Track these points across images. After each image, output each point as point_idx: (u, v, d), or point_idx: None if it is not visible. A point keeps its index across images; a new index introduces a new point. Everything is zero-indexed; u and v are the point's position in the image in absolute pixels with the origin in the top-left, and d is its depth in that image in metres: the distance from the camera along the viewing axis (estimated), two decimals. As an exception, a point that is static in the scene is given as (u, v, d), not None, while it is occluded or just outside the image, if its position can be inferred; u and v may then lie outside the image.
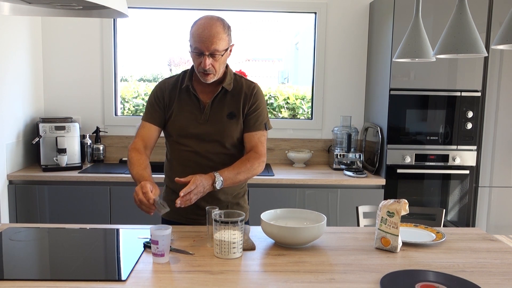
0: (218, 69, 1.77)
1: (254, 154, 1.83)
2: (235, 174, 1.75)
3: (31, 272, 1.40)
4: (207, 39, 1.69)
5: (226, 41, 1.74)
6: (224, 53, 1.75)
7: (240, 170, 1.77)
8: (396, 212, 1.60)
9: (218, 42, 1.70)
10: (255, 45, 5.85)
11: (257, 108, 1.87)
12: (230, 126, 1.83)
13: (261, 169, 1.84)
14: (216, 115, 1.83)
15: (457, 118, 3.02)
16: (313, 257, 1.55)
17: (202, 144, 1.83)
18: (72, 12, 1.66)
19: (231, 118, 1.84)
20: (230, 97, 1.85)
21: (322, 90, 3.52)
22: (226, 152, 1.86)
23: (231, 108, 1.84)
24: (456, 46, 1.52)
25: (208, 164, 1.83)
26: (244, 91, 1.86)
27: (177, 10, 3.50)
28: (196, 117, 1.83)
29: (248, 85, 1.89)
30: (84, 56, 3.41)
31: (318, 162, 3.53)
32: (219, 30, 1.71)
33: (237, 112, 1.84)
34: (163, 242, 1.45)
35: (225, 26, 1.74)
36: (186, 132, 1.84)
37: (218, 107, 1.84)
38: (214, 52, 1.71)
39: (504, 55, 3.01)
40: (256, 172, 1.82)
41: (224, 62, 1.80)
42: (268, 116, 1.93)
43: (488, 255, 1.60)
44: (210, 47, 1.70)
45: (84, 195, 2.90)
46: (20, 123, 3.09)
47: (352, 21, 3.47)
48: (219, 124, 1.83)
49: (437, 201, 3.10)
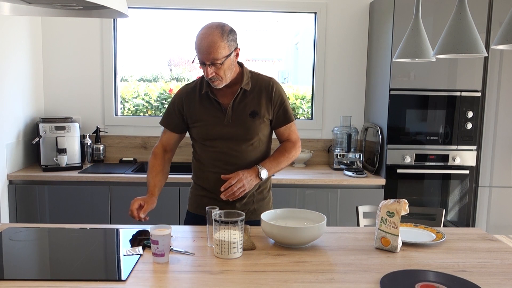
0: (224, 75, 1.80)
1: (289, 143, 1.98)
2: (276, 163, 1.92)
3: (31, 272, 1.40)
4: (205, 50, 1.73)
5: (225, 48, 1.75)
6: (224, 59, 1.76)
7: (280, 160, 1.93)
8: (396, 212, 1.60)
9: (216, 51, 1.73)
10: (255, 45, 5.85)
11: (282, 103, 1.93)
12: (253, 124, 1.88)
13: (299, 153, 2.01)
14: (239, 116, 1.88)
15: (457, 118, 3.02)
16: (313, 257, 1.55)
17: (228, 144, 1.89)
18: (72, 12, 1.66)
19: (254, 117, 1.89)
20: (250, 96, 1.89)
21: (322, 90, 3.52)
22: (252, 148, 1.92)
23: (253, 107, 1.89)
24: (456, 46, 1.52)
25: (236, 161, 1.89)
26: (264, 89, 1.91)
27: (177, 10, 3.50)
28: (220, 120, 1.88)
29: (266, 82, 1.93)
30: (84, 56, 3.41)
31: (318, 162, 3.53)
32: (216, 39, 1.73)
33: (259, 110, 1.89)
34: (163, 242, 1.45)
35: (224, 33, 1.75)
36: (211, 136, 1.89)
37: (239, 107, 1.88)
38: (214, 61, 1.75)
39: (504, 55, 3.01)
40: (295, 158, 1.99)
41: (229, 67, 1.81)
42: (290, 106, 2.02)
43: (488, 255, 1.60)
44: (209, 57, 1.74)
45: (84, 195, 2.90)
46: (20, 123, 3.09)
47: (352, 21, 3.47)
48: (243, 124, 1.88)
49: (437, 201, 3.10)
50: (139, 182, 2.85)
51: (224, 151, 1.88)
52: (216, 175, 1.87)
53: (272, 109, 1.91)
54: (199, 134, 1.92)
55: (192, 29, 4.44)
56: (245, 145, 1.89)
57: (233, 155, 1.89)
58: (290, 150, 1.95)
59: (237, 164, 1.88)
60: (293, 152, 1.96)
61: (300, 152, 2.01)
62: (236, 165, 1.87)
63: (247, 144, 1.89)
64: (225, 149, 1.88)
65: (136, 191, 2.85)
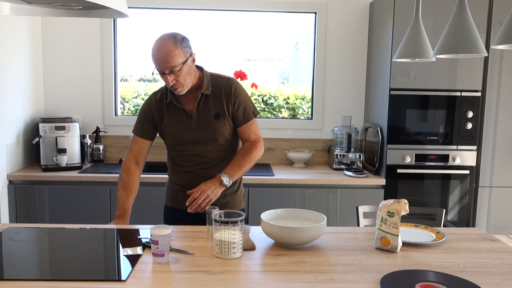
0: (184, 81, 1.87)
1: (248, 143, 2.01)
2: (238, 168, 1.94)
3: (31, 272, 1.40)
4: (162, 60, 1.81)
5: (181, 55, 1.82)
6: (182, 66, 1.83)
7: (242, 163, 1.96)
8: (396, 212, 1.60)
9: (172, 59, 1.80)
10: (255, 45, 5.85)
11: (240, 102, 1.98)
12: (219, 125, 1.97)
13: (262, 152, 2.03)
14: (203, 119, 1.96)
15: (457, 118, 3.02)
16: (313, 257, 1.55)
17: (197, 147, 1.98)
18: (72, 12, 1.66)
19: (218, 118, 1.97)
20: (212, 99, 1.97)
21: (322, 90, 3.52)
22: (221, 148, 2.00)
23: (216, 109, 1.97)
24: (456, 46, 1.52)
25: (206, 160, 1.99)
26: (224, 89, 1.97)
27: (177, 10, 3.50)
28: (186, 126, 1.97)
29: (226, 83, 1.98)
30: (84, 56, 3.41)
31: (318, 162, 3.53)
32: (170, 48, 1.80)
33: (222, 111, 1.97)
34: (163, 242, 1.45)
35: (177, 41, 1.82)
36: (180, 142, 1.99)
37: (203, 111, 1.97)
38: (172, 69, 1.82)
39: (504, 55, 3.01)
40: (258, 158, 2.01)
41: (188, 73, 1.87)
42: (252, 103, 2.04)
43: (488, 255, 1.60)
44: (167, 66, 1.81)
45: (84, 195, 2.90)
46: (20, 123, 3.09)
47: (352, 21, 3.47)
48: (209, 127, 1.96)
49: (437, 201, 3.10)
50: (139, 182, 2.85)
51: (194, 153, 1.98)
52: (190, 174, 2.00)
53: (232, 109, 1.97)
54: (169, 140, 2.02)
55: (192, 29, 4.44)
56: (212, 146, 1.98)
57: (203, 155, 1.98)
58: (250, 152, 1.98)
59: (209, 163, 1.99)
60: (254, 152, 1.98)
61: (262, 151, 2.03)
62: (207, 164, 1.98)
63: (214, 145, 1.98)
64: (195, 152, 1.98)
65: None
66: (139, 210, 2.80)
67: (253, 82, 3.73)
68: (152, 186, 2.78)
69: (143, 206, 2.78)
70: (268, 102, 3.87)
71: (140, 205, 2.83)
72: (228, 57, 6.19)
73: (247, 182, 2.89)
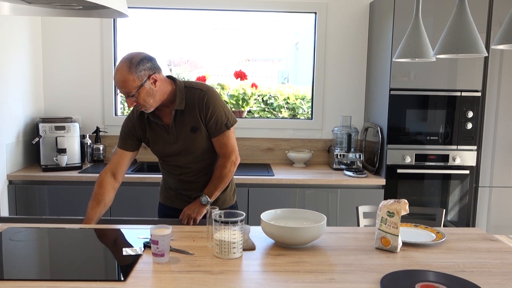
0: (145, 102, 1.85)
1: (221, 160, 2.01)
2: (214, 188, 1.98)
3: (31, 272, 1.40)
4: (118, 85, 1.83)
5: (135, 81, 1.79)
6: (137, 90, 1.81)
7: (216, 182, 1.98)
8: (396, 212, 1.60)
9: (126, 85, 1.80)
10: (255, 45, 5.86)
11: (212, 114, 1.95)
12: (196, 138, 1.97)
13: (235, 167, 2.02)
14: (181, 133, 1.97)
15: (457, 118, 3.02)
16: (313, 257, 1.55)
17: (180, 158, 2.01)
18: (72, 12, 1.66)
19: (195, 131, 1.96)
20: (187, 112, 1.95)
21: (322, 90, 3.52)
22: (201, 159, 2.01)
23: (192, 122, 1.96)
24: (456, 46, 1.52)
25: (189, 171, 2.03)
26: (196, 103, 1.95)
27: (177, 10, 3.50)
28: (167, 140, 1.99)
29: (198, 95, 1.95)
30: (84, 56, 3.41)
31: (318, 162, 3.53)
32: (124, 73, 1.78)
33: (197, 124, 1.96)
34: (163, 242, 1.45)
35: (131, 66, 1.78)
36: (164, 154, 2.03)
37: (180, 125, 1.96)
38: (128, 94, 1.82)
39: (504, 55, 3.01)
40: (231, 174, 2.02)
41: (148, 94, 1.84)
42: (227, 113, 1.99)
43: (488, 255, 1.60)
44: (122, 91, 1.83)
45: (84, 195, 2.89)
46: (20, 123, 3.09)
47: (352, 21, 3.47)
48: (187, 140, 1.97)
49: (437, 201, 3.10)
50: (139, 182, 2.85)
51: (178, 164, 2.02)
52: (178, 180, 2.06)
53: (205, 120, 1.95)
54: (155, 152, 2.06)
55: (192, 29, 4.44)
56: (193, 157, 1.99)
57: (186, 166, 2.02)
58: (221, 170, 1.98)
59: (193, 173, 2.03)
60: (225, 171, 1.98)
61: (237, 164, 2.02)
62: (192, 173, 2.03)
63: (194, 156, 1.99)
64: (179, 163, 2.02)
65: (136, 191, 2.86)
66: (139, 209, 2.80)
67: (253, 82, 3.73)
68: (152, 186, 2.78)
69: (143, 204, 2.79)
70: (268, 102, 3.87)
71: (140, 203, 2.84)
72: (228, 57, 6.20)
73: (247, 182, 2.89)
